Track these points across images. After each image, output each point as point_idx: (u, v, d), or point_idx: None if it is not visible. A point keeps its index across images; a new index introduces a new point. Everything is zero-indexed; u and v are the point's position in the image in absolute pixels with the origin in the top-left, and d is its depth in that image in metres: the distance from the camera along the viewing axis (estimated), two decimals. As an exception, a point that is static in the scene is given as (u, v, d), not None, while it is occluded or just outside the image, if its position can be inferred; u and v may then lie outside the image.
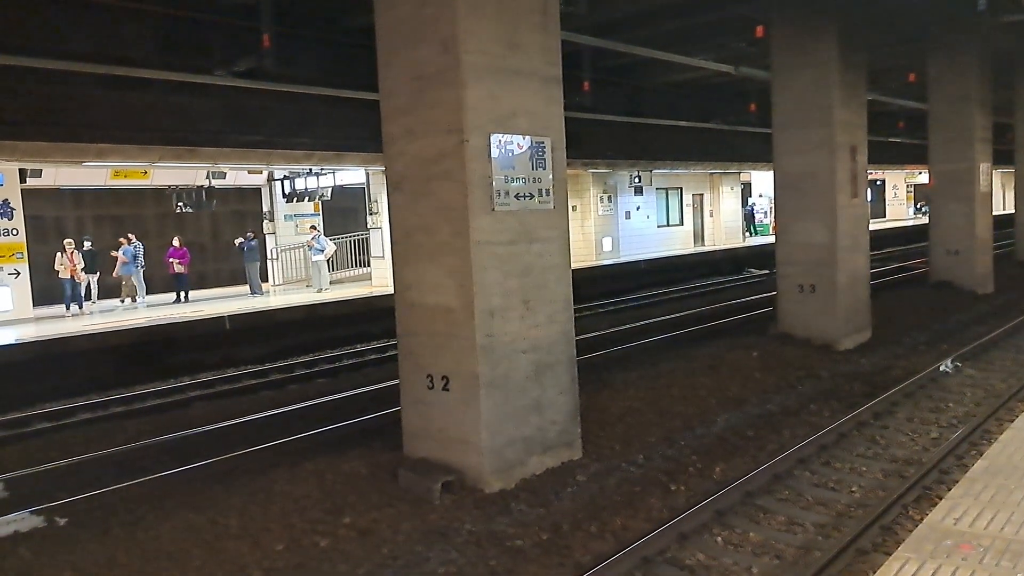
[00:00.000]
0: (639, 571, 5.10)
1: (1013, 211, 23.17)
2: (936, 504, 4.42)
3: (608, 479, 6.64)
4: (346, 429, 8.64)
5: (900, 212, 43.39)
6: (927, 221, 18.36)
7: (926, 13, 14.48)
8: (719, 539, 5.60)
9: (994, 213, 18.08)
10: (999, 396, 8.79)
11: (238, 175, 19.52)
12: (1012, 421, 6.05)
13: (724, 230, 29.00)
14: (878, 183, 40.73)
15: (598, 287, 19.15)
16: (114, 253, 17.29)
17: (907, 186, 44.13)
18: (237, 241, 18.46)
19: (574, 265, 7.44)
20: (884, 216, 41.40)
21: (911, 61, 17.86)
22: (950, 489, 4.60)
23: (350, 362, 13.10)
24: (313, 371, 12.54)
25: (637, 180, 24.85)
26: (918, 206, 43.03)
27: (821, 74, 11.51)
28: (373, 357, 13.27)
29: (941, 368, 10.03)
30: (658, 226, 26.80)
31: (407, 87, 6.45)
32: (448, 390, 6.45)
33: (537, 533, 5.63)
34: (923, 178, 29.35)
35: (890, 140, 26.97)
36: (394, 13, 6.52)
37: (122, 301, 16.94)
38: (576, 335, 7.21)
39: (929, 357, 10.80)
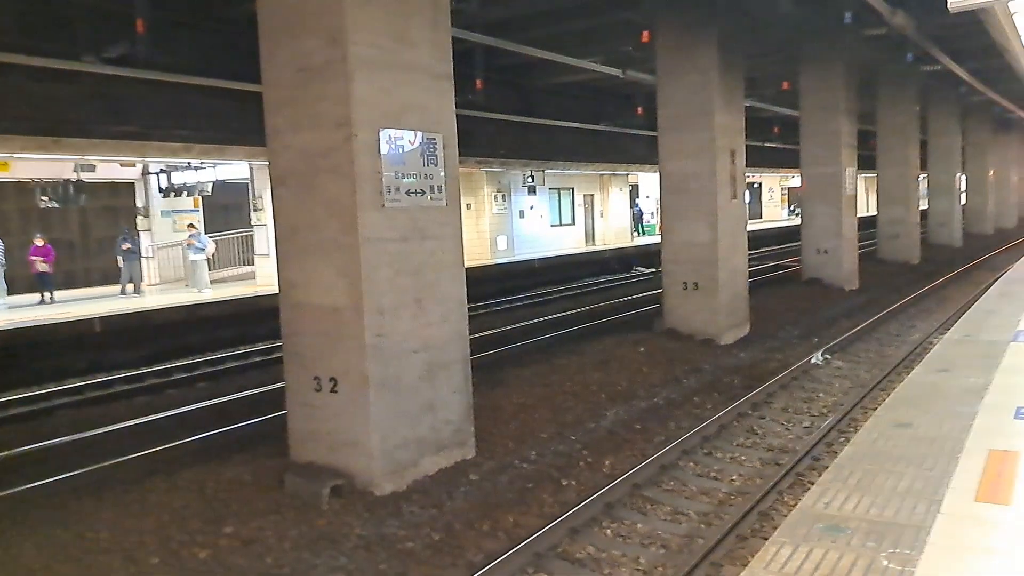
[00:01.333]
0: (531, 567, 5.13)
1: (875, 213, 24.72)
2: (808, 489, 4.63)
3: (501, 477, 6.65)
4: (228, 435, 8.31)
5: (775, 213, 45.56)
6: (799, 222, 19.34)
7: (797, 26, 15.24)
8: (608, 531, 5.71)
9: (859, 215, 19.22)
10: (864, 386, 9.35)
11: (110, 168, 18.43)
12: (875, 409, 6.42)
13: (613, 230, 29.66)
14: (755, 186, 42.63)
15: (493, 285, 19.21)
16: None
17: (781, 189, 46.38)
18: (124, 246, 17.30)
19: (469, 263, 7.41)
20: (761, 217, 43.40)
21: (785, 70, 18.81)
22: (821, 475, 4.84)
23: (233, 365, 12.61)
24: (193, 375, 11.99)
25: (530, 180, 25.10)
26: (791, 208, 45.28)
27: (703, 80, 11.93)
28: (258, 359, 12.84)
29: (812, 360, 10.58)
30: (551, 225, 27.15)
31: (292, 78, 6.25)
32: (336, 392, 6.29)
33: (429, 534, 5.58)
34: (796, 181, 30.93)
35: (766, 145, 28.31)
36: (278, 1, 6.31)
37: None
38: (470, 334, 7.19)
39: (802, 350, 11.38)
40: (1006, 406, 5.41)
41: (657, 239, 14.33)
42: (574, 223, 28.44)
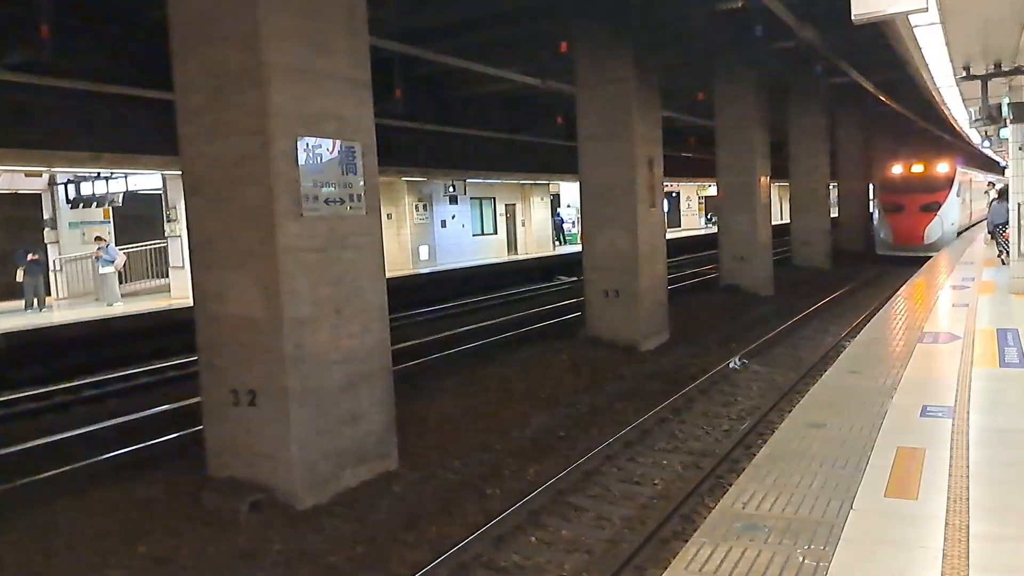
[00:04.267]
0: (455, 577, 5.10)
1: (789, 220, 25.61)
2: (727, 491, 4.74)
3: (425, 487, 6.60)
4: (142, 452, 7.98)
5: (693, 222, 46.69)
6: (716, 230, 19.85)
7: (711, 38, 15.71)
8: (533, 539, 5.72)
9: (773, 223, 19.87)
10: (780, 389, 9.65)
11: (13, 178, 17.58)
12: (791, 411, 6.63)
13: (535, 239, 29.87)
14: (673, 195, 43.61)
15: (415, 295, 19.05)
16: None
17: (699, 198, 47.59)
18: (29, 257, 16.45)
19: (390, 274, 7.35)
20: (679, 226, 44.40)
21: (700, 82, 19.33)
22: (739, 476, 4.96)
23: (146, 380, 12.15)
24: (104, 391, 11.49)
25: (452, 189, 25.08)
26: (708, 216, 46.48)
27: (621, 90, 12.16)
28: (173, 374, 12.40)
29: (730, 365, 10.87)
30: (473, 235, 27.15)
31: (206, 86, 6.10)
32: (255, 405, 6.15)
33: (352, 547, 5.49)
34: (713, 190, 31.79)
35: (683, 155, 29.00)
36: (191, 6, 6.16)
37: None
38: (393, 344, 7.13)
39: (720, 355, 11.67)
40: (912, 405, 5.65)
41: (579, 248, 14.50)
42: (496, 232, 28.53)
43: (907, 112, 26.90)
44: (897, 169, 25.35)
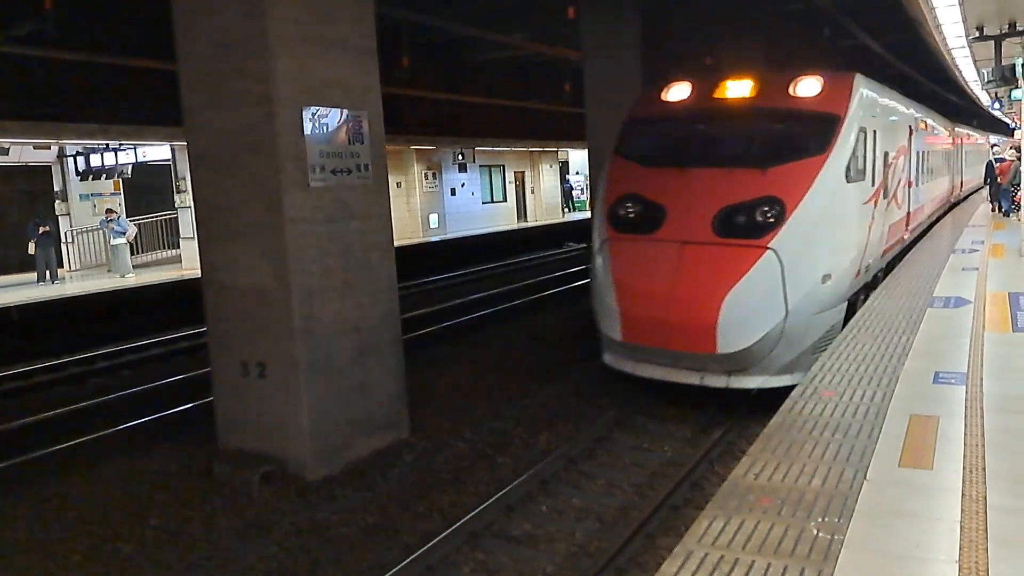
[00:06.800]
0: (467, 546, 5.11)
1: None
2: (738, 460, 4.70)
3: (436, 457, 6.61)
4: (153, 424, 8.03)
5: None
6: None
7: (719, 4, 15.34)
8: (544, 507, 5.72)
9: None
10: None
11: (23, 150, 17.54)
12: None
13: (545, 206, 29.73)
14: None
15: (425, 263, 19.03)
16: None
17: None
18: (40, 229, 16.48)
19: (400, 242, 7.31)
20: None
21: (707, 47, 18.97)
22: (750, 444, 4.91)
23: (158, 351, 12.20)
24: (117, 363, 11.55)
25: (461, 157, 24.92)
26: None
27: (628, 55, 11.96)
28: (184, 345, 12.45)
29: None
30: (482, 203, 27.03)
31: (209, 54, 6.02)
32: (265, 376, 6.15)
33: (363, 518, 5.52)
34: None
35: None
36: (191, -26, 6.06)
37: None
38: (403, 313, 7.11)
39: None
40: (925, 371, 5.58)
41: (588, 215, 14.37)
42: (505, 200, 28.38)
43: (914, 74, 26.39)
44: (679, 91, 8.85)
